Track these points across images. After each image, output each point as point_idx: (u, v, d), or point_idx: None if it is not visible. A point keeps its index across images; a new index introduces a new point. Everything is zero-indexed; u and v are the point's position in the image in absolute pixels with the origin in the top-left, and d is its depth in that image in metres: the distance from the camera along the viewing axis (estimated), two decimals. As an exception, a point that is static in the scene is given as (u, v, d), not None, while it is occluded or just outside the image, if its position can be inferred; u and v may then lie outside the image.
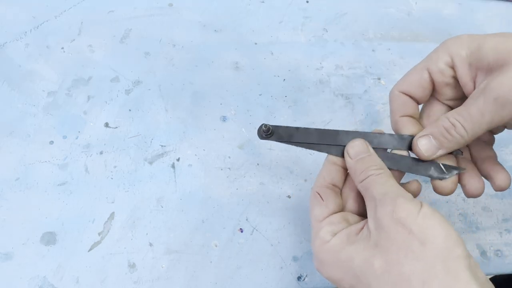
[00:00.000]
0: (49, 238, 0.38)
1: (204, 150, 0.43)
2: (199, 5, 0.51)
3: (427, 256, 0.26)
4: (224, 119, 0.44)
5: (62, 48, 0.45)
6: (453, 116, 0.30)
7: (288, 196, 0.42)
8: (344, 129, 0.34)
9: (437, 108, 0.34)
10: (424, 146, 0.32)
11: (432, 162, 0.33)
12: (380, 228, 0.28)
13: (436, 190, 0.33)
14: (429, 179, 0.34)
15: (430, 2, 0.35)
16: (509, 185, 0.33)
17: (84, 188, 0.40)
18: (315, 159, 0.44)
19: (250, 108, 0.45)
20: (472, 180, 0.33)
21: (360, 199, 0.32)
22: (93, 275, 0.37)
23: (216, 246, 0.40)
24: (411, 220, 0.27)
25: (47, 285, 0.37)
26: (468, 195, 0.33)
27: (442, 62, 0.31)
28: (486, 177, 0.34)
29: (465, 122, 0.29)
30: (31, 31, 0.45)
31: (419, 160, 0.33)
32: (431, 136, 0.31)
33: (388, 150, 0.34)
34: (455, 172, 0.32)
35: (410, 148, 0.33)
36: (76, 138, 0.41)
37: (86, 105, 0.43)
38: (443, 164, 0.32)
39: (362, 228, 0.30)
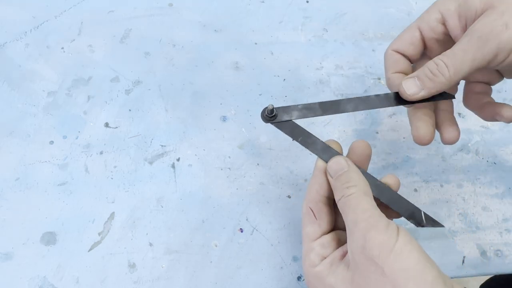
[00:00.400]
0: (49, 238, 0.38)
1: (204, 150, 0.43)
2: (199, 5, 0.51)
3: None
4: (224, 119, 0.44)
5: (62, 48, 0.45)
6: (438, 57, 0.30)
7: (288, 196, 0.42)
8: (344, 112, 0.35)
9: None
10: (408, 85, 0.31)
11: (415, 207, 0.32)
12: (354, 263, 0.27)
13: (415, 139, 0.34)
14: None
15: (430, 2, 0.35)
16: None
17: (84, 188, 0.40)
18: (315, 158, 0.43)
19: (250, 108, 0.45)
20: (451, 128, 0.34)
21: None
22: (93, 275, 0.37)
23: (216, 246, 0.40)
24: (383, 260, 0.26)
25: (47, 285, 0.37)
26: (445, 142, 0.34)
27: (433, 19, 0.32)
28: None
29: (448, 60, 0.30)
30: (31, 31, 0.45)
31: (402, 198, 0.32)
32: (416, 78, 0.31)
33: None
34: (432, 225, 0.32)
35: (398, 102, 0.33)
36: (76, 138, 0.41)
37: (86, 105, 0.43)
38: (424, 214, 0.32)
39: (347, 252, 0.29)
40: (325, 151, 0.33)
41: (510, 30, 0.29)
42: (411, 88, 0.31)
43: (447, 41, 0.34)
